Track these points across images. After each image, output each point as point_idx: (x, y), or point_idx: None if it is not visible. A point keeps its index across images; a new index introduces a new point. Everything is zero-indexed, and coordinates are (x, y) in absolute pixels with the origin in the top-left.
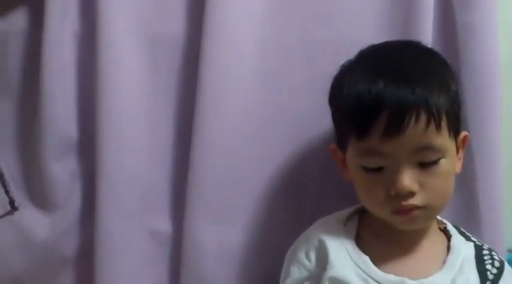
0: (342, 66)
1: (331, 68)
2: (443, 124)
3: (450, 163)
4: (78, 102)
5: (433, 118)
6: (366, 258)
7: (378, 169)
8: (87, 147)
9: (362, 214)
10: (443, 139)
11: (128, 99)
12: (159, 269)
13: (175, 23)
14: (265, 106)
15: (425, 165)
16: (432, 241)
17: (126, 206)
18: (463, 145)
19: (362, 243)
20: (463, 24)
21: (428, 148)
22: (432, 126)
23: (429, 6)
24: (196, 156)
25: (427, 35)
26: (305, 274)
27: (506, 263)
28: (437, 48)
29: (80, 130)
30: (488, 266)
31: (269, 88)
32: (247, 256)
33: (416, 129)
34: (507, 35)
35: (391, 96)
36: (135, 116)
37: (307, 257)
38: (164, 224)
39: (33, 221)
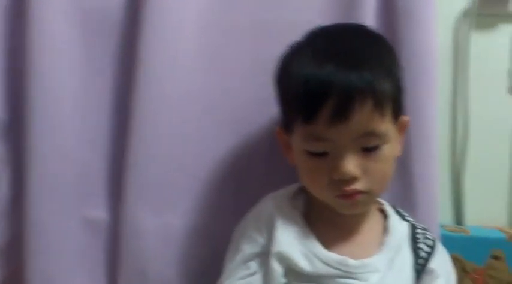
0: (290, 47)
1: (277, 50)
2: (387, 110)
3: (392, 148)
4: (4, 82)
5: (378, 104)
6: (312, 236)
7: (322, 154)
8: (16, 130)
9: (307, 192)
10: (387, 125)
11: (59, 78)
12: (95, 259)
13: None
14: (210, 87)
15: (368, 150)
16: (371, 223)
17: (58, 194)
18: (404, 129)
19: (309, 221)
20: (402, 9)
21: (372, 134)
22: (377, 112)
23: None
24: (134, 139)
25: (368, 19)
26: (257, 249)
27: (438, 242)
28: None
29: (7, 112)
30: (421, 245)
31: (213, 69)
32: (189, 241)
33: (362, 115)
34: (444, 20)
35: (338, 82)
36: (67, 97)
37: (259, 232)
38: (101, 212)
39: None
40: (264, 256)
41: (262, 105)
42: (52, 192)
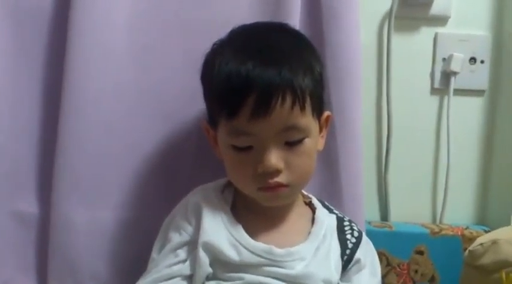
0: (214, 44)
1: (205, 47)
2: (307, 105)
3: (313, 142)
4: None
5: (298, 100)
6: (239, 226)
7: (247, 148)
8: None
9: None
10: (308, 120)
11: None
12: (25, 253)
13: None
14: (139, 81)
15: (291, 144)
16: (298, 214)
17: None
18: (326, 124)
19: (237, 213)
20: (327, 7)
21: (294, 128)
22: (297, 107)
23: None
24: (65, 132)
25: (295, 18)
26: (186, 238)
27: (364, 234)
28: (304, 30)
29: None
30: (348, 236)
31: (143, 64)
32: (120, 235)
33: (282, 110)
34: (368, 21)
35: (259, 78)
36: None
37: (188, 221)
38: (31, 206)
39: None
40: (192, 244)
41: (191, 100)
42: None
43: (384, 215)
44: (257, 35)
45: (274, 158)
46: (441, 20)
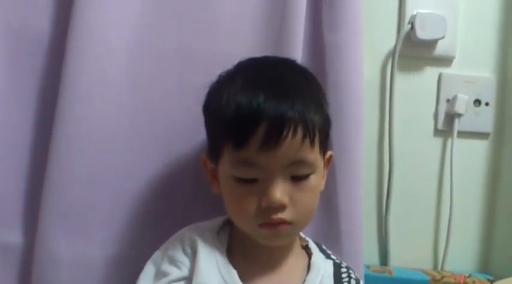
0: (220, 75)
1: (203, 79)
2: (317, 140)
3: (319, 180)
4: None
5: (309, 133)
6: (234, 272)
7: (251, 181)
8: None
9: (233, 225)
10: (316, 156)
11: None
12: None
13: (40, 17)
14: (135, 111)
15: (297, 180)
16: (295, 259)
17: None
18: (328, 164)
19: (232, 255)
20: (330, 44)
21: (302, 162)
22: (307, 141)
23: (300, 26)
24: (55, 161)
25: (296, 54)
26: (186, 272)
27: (362, 282)
28: (305, 66)
29: None
30: None
31: (140, 93)
32: (109, 272)
33: (293, 143)
34: (371, 59)
35: (271, 109)
36: None
37: (186, 254)
38: (15, 236)
39: None
40: (188, 281)
41: (188, 132)
42: None
43: (384, 260)
44: (267, 68)
45: (280, 192)
46: (446, 61)
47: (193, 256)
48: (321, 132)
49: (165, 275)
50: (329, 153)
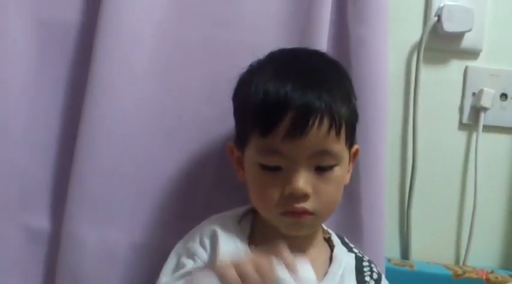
0: (251, 64)
1: (227, 70)
2: (343, 132)
3: (343, 172)
4: None
5: (335, 124)
6: None
7: (275, 169)
8: None
9: (255, 214)
10: (341, 147)
11: (10, 86)
12: (32, 268)
13: (69, 10)
14: (160, 102)
15: (321, 170)
16: (317, 250)
17: (0, 199)
18: (354, 158)
19: (254, 244)
20: (355, 37)
21: (327, 152)
22: (333, 132)
23: (325, 18)
24: (81, 151)
25: (321, 46)
26: (200, 265)
27: (383, 276)
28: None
29: None
30: (367, 278)
31: (165, 84)
32: (133, 258)
33: (318, 133)
34: (396, 52)
35: (298, 98)
36: (18, 105)
37: (203, 247)
38: (42, 222)
39: None
40: None
41: (211, 123)
42: None
43: (405, 253)
44: (297, 58)
45: (303, 181)
46: (472, 54)
47: (212, 247)
48: (348, 124)
49: (183, 267)
50: (355, 147)
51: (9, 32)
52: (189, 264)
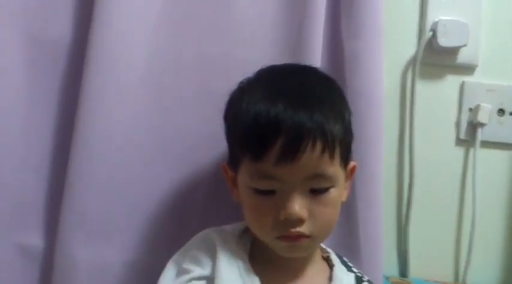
0: (241, 83)
1: (221, 85)
2: (337, 153)
3: (339, 192)
4: None
5: (328, 146)
6: (255, 278)
7: (269, 192)
8: None
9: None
10: (335, 169)
11: (3, 104)
12: None
13: (61, 26)
14: (153, 118)
15: (316, 193)
16: (316, 269)
17: None
18: (351, 175)
19: (253, 262)
20: (349, 51)
21: (321, 176)
22: (326, 155)
23: (319, 33)
24: (74, 168)
25: (315, 61)
26: (207, 273)
27: None
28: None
29: None
30: None
31: (158, 100)
32: (125, 277)
33: (311, 156)
34: (391, 67)
35: (289, 120)
36: (8, 122)
37: (210, 256)
38: (36, 239)
39: None
40: (210, 281)
41: (205, 139)
42: None
43: (403, 271)
44: (287, 76)
45: (298, 206)
46: (468, 69)
47: (213, 258)
48: (342, 144)
49: (188, 272)
50: (352, 163)
51: (5, 49)
52: (197, 270)
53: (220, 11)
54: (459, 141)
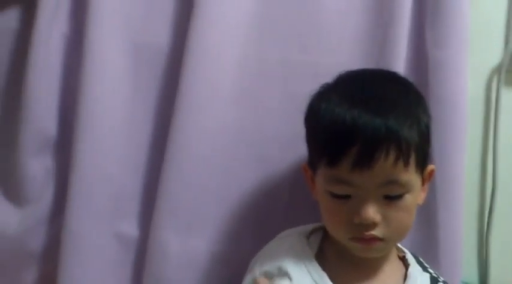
0: (320, 87)
1: (306, 90)
2: (412, 160)
3: (414, 198)
4: (59, 102)
5: (402, 155)
6: (324, 274)
7: (345, 196)
8: (64, 146)
9: (326, 231)
10: (410, 175)
11: (107, 103)
12: (122, 272)
13: (161, 34)
14: (241, 122)
15: (390, 198)
16: (391, 268)
17: (95, 207)
18: (429, 178)
19: (324, 258)
20: (434, 60)
21: (395, 183)
22: (400, 163)
23: (403, 40)
24: (169, 163)
25: (399, 68)
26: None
27: None
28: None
29: (58, 129)
30: None
31: (246, 105)
32: (212, 266)
33: (385, 164)
34: (476, 74)
35: (364, 128)
36: (113, 121)
37: (275, 268)
38: (132, 229)
39: (4, 214)
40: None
41: (289, 142)
42: (90, 206)
43: (483, 279)
44: (365, 82)
45: (372, 211)
46: None
47: (283, 267)
48: (417, 150)
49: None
50: (430, 167)
51: (106, 53)
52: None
53: (305, 17)
54: None
